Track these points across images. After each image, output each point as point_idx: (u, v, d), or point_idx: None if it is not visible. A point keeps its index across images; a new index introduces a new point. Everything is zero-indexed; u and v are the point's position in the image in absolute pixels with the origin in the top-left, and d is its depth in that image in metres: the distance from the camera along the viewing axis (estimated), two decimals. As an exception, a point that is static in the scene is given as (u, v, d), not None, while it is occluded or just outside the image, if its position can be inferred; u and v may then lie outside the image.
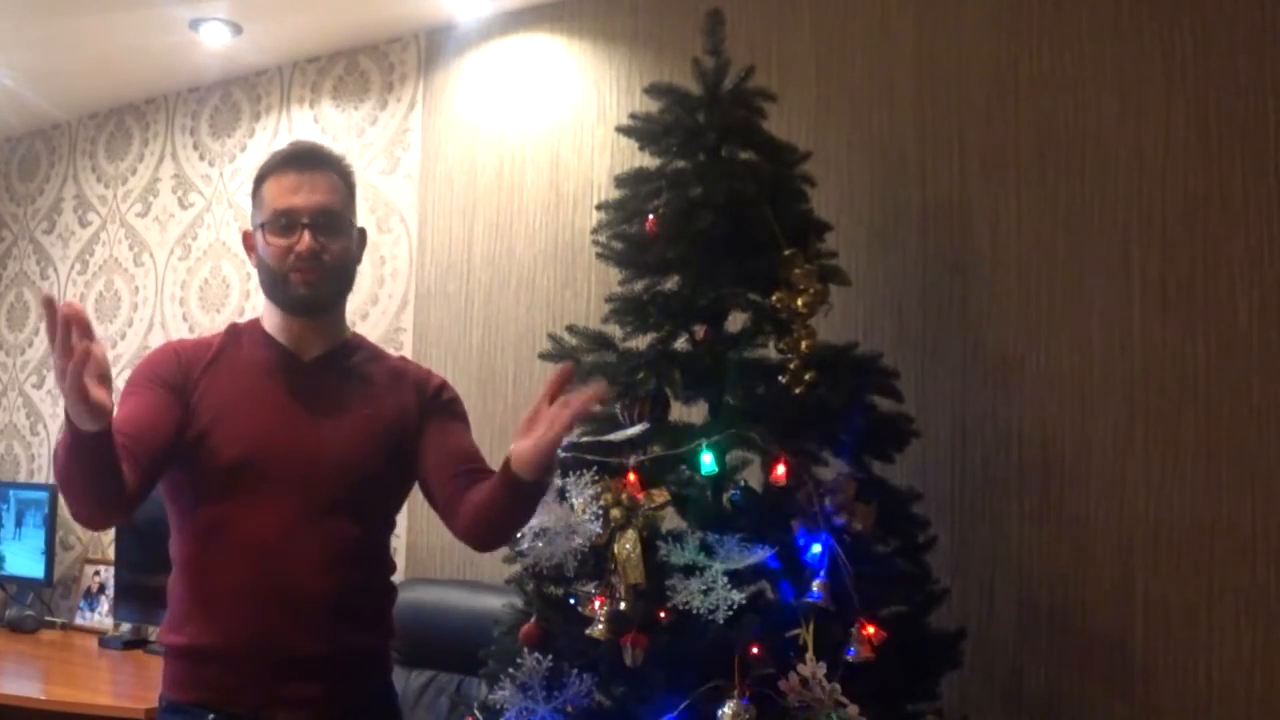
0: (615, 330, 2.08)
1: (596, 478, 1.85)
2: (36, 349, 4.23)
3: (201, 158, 3.81)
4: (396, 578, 1.79)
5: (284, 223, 1.63)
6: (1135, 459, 2.16)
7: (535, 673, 1.82)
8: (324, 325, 1.71)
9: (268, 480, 1.60)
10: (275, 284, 1.66)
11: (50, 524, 3.76)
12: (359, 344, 1.79)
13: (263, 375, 1.67)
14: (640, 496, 1.81)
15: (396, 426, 1.71)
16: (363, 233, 1.76)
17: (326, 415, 1.66)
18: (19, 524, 3.84)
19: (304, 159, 1.69)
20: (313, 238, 1.62)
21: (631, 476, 1.83)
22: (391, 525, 1.77)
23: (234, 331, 1.74)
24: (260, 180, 1.69)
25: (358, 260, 1.74)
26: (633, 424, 1.93)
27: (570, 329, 2.12)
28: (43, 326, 4.15)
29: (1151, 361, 2.17)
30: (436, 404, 1.77)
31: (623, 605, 1.76)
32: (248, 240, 1.72)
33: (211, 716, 1.57)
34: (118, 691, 2.97)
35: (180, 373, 1.64)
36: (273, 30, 3.33)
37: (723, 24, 2.09)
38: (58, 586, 3.89)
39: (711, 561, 1.72)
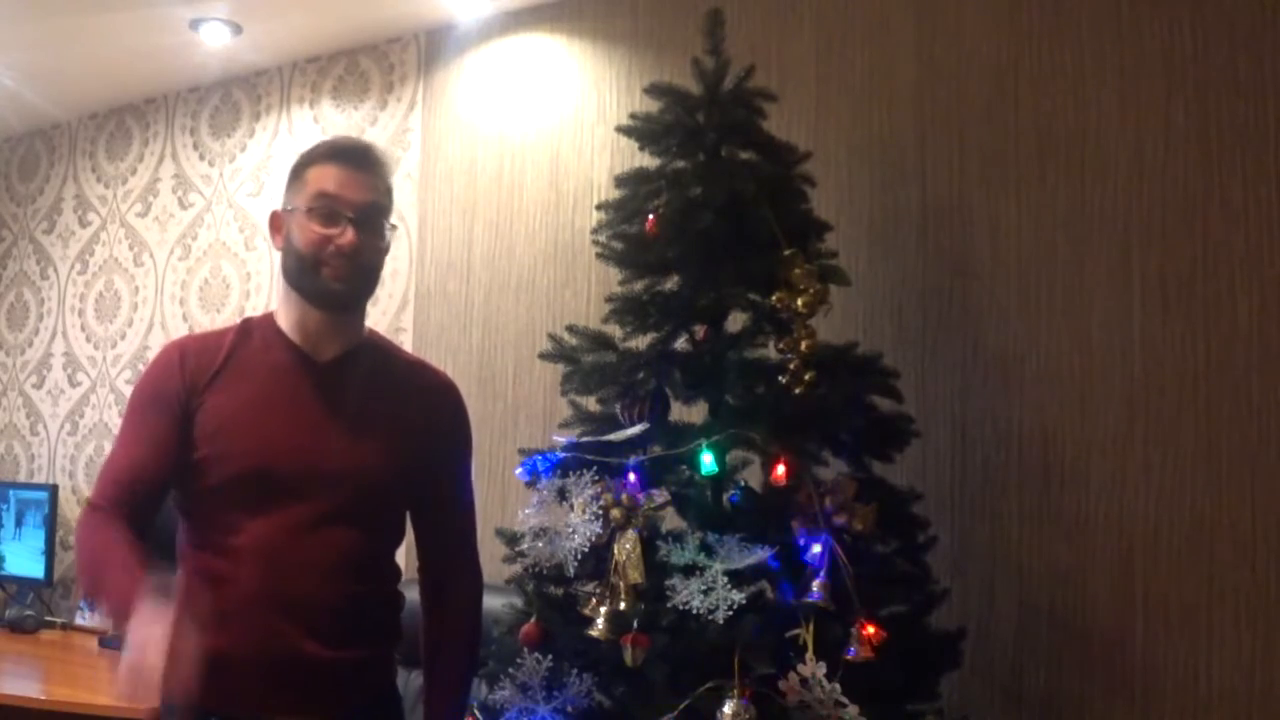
0: (615, 330, 2.08)
1: (596, 478, 1.85)
2: (37, 349, 4.23)
3: (201, 158, 3.81)
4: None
5: (328, 211, 1.60)
6: (1135, 459, 2.16)
7: (535, 673, 1.82)
8: (344, 323, 1.69)
9: (278, 489, 1.58)
10: (304, 272, 1.63)
11: (50, 524, 3.76)
12: (376, 344, 1.77)
13: (275, 380, 1.64)
14: (640, 496, 1.81)
15: (411, 441, 1.69)
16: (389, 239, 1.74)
17: (339, 423, 1.64)
18: (19, 524, 3.84)
19: (356, 156, 1.66)
20: (356, 234, 1.60)
21: (631, 476, 1.83)
22: (401, 536, 1.76)
23: (247, 328, 1.70)
24: (304, 165, 1.65)
25: (383, 266, 1.72)
26: (633, 424, 1.93)
27: (570, 329, 2.11)
28: (42, 326, 4.17)
29: (1151, 361, 2.17)
30: (454, 444, 1.79)
31: (623, 605, 1.76)
32: (275, 221, 1.68)
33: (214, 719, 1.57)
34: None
35: (184, 386, 1.62)
36: (273, 30, 3.33)
37: (723, 24, 2.09)
38: (58, 586, 3.89)
39: (711, 561, 1.72)
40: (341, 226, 1.60)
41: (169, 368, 1.65)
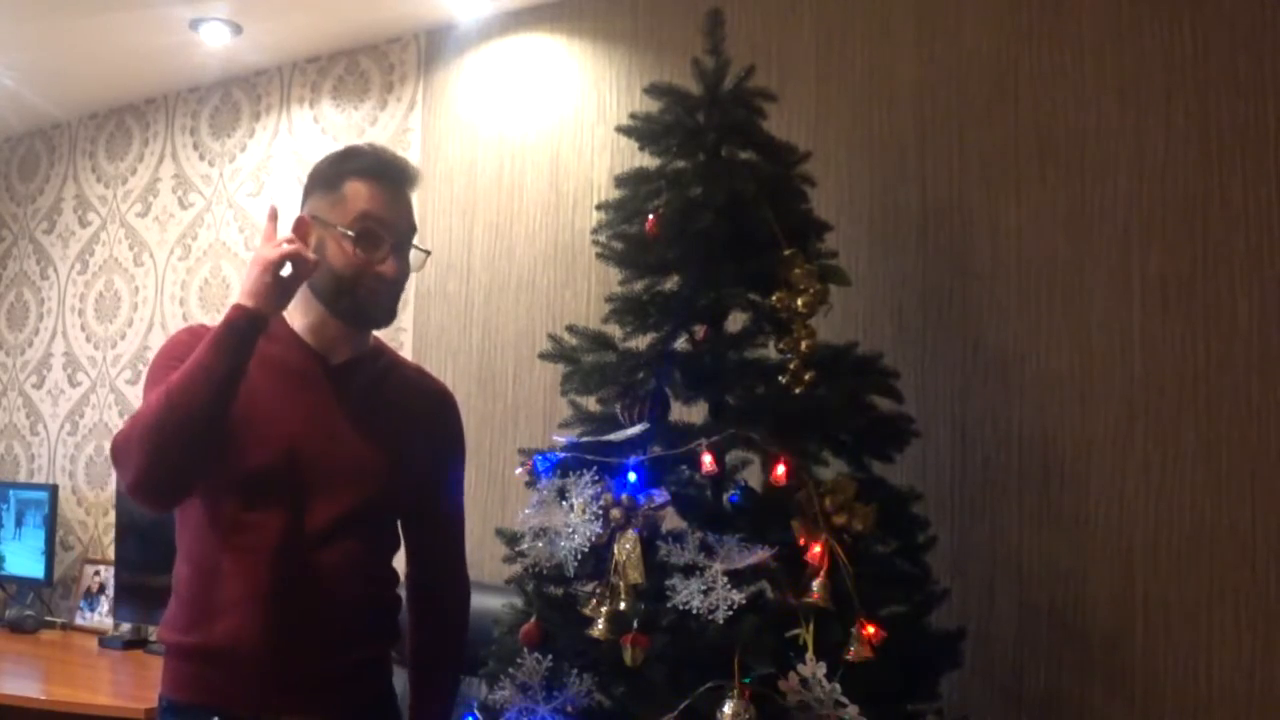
0: (615, 330, 2.08)
1: (596, 478, 1.85)
2: (36, 349, 4.23)
3: (201, 158, 3.81)
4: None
5: (371, 236, 1.59)
6: (1135, 459, 2.16)
7: (535, 673, 1.82)
8: (357, 332, 1.70)
9: (292, 487, 1.59)
10: (341, 293, 1.61)
11: (50, 524, 3.77)
12: (381, 351, 1.78)
13: (290, 378, 1.64)
14: (640, 496, 1.81)
15: (411, 448, 1.71)
16: None
17: (352, 425, 1.65)
18: (19, 524, 3.85)
19: (396, 175, 1.64)
20: (396, 261, 1.60)
21: (631, 476, 1.83)
22: (398, 541, 1.78)
23: None
24: (340, 175, 1.62)
25: None
26: (633, 424, 1.93)
27: (570, 329, 2.11)
28: (42, 326, 4.17)
29: (1151, 361, 2.17)
30: (450, 452, 1.81)
31: (623, 605, 1.76)
32: (303, 228, 1.61)
33: (215, 719, 1.57)
34: (118, 691, 2.98)
35: None
36: (273, 30, 3.33)
37: (723, 24, 2.09)
38: (58, 586, 3.89)
39: (711, 561, 1.72)
40: (383, 251, 1.60)
41: (193, 342, 1.59)
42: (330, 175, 1.64)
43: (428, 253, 1.73)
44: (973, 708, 2.13)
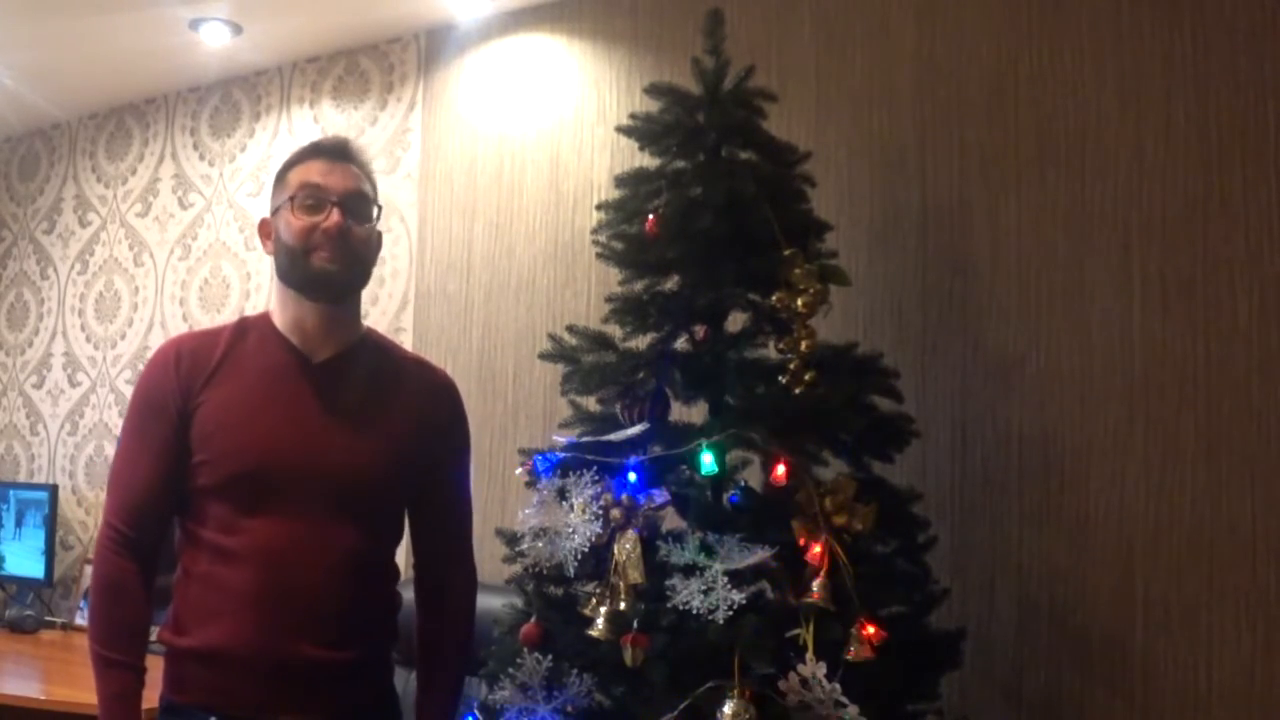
0: (615, 330, 2.08)
1: (596, 478, 1.85)
2: (37, 349, 4.23)
3: (201, 158, 3.81)
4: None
5: (312, 200, 1.63)
6: (1135, 459, 2.16)
7: (535, 673, 1.82)
8: (338, 318, 1.69)
9: (276, 490, 1.59)
10: (295, 263, 1.64)
11: (50, 524, 3.76)
12: (373, 342, 1.77)
13: (272, 380, 1.65)
14: (640, 496, 1.81)
15: (408, 440, 1.70)
16: (379, 235, 1.75)
17: (334, 424, 1.64)
18: (19, 524, 3.84)
19: (333, 150, 1.69)
20: (341, 215, 1.62)
21: (631, 476, 1.83)
22: (399, 536, 1.77)
23: (242, 327, 1.71)
24: (286, 169, 1.69)
25: (374, 259, 1.73)
26: (633, 424, 1.93)
27: (570, 329, 2.11)
28: (42, 326, 4.16)
29: (1151, 361, 2.17)
30: (452, 443, 1.80)
31: (623, 605, 1.76)
32: (264, 228, 1.70)
33: (213, 719, 1.57)
34: (118, 691, 2.97)
35: (180, 390, 1.63)
36: (273, 30, 3.33)
37: (723, 24, 2.09)
38: (58, 586, 3.89)
39: (711, 561, 1.72)
40: (326, 211, 1.62)
41: (164, 372, 1.65)
42: (279, 173, 1.71)
43: (379, 206, 1.73)
44: (973, 708, 2.14)
